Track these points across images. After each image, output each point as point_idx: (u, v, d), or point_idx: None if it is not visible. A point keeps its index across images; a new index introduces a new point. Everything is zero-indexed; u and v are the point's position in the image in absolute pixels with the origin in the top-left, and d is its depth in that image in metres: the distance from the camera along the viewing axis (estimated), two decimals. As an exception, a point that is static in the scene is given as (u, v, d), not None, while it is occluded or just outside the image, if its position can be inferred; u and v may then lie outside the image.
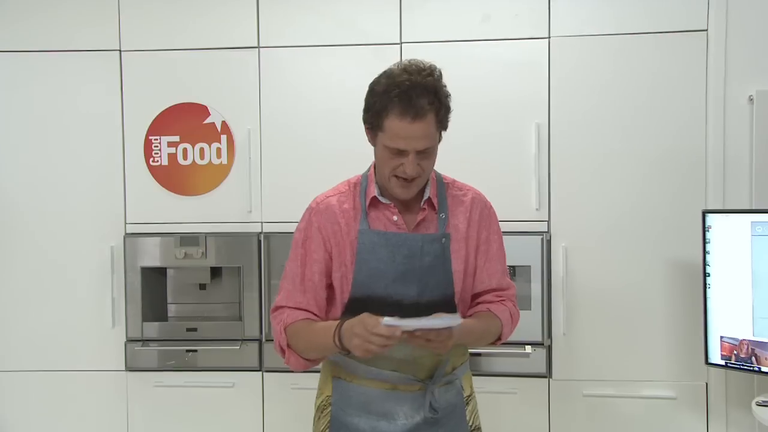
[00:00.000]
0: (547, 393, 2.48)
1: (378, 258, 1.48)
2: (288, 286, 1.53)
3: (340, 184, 1.61)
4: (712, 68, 2.38)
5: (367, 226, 1.50)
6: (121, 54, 2.61)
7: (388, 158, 1.45)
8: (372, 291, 1.48)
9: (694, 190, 2.40)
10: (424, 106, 1.39)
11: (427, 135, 1.42)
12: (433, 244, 1.50)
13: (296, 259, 1.53)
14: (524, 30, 2.48)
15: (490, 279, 1.61)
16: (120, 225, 2.62)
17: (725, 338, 2.19)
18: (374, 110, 1.44)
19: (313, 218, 1.53)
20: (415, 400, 1.52)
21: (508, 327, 1.61)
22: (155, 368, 2.59)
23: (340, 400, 1.54)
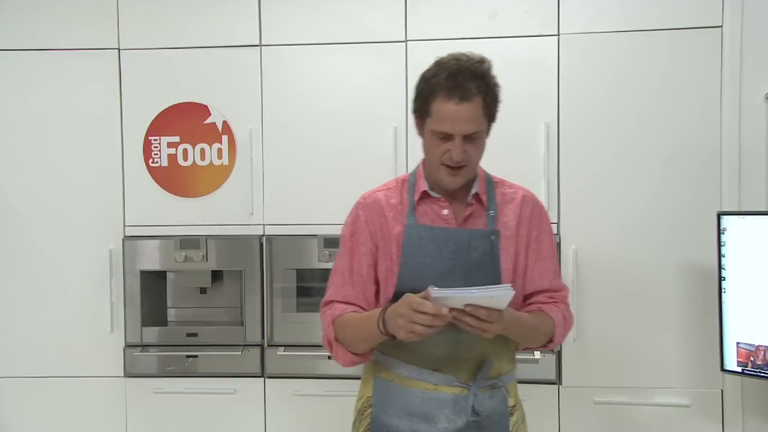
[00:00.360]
0: (557, 400, 2.43)
1: (424, 252, 1.47)
2: (337, 281, 1.55)
3: (388, 181, 1.62)
4: (727, 66, 2.32)
5: (414, 220, 1.50)
6: (119, 53, 2.56)
7: (436, 144, 1.45)
8: (417, 286, 1.42)
9: (708, 191, 2.34)
10: (471, 89, 1.40)
11: (473, 118, 1.41)
12: (481, 240, 1.48)
13: (345, 254, 1.55)
14: (533, 27, 2.43)
15: (542, 279, 1.57)
16: (119, 227, 2.57)
17: (741, 344, 2.12)
18: (423, 96, 1.46)
19: (360, 212, 1.55)
20: (457, 403, 1.47)
21: (560, 329, 1.56)
22: (155, 374, 2.54)
23: (381, 401, 1.52)
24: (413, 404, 1.48)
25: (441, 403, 1.47)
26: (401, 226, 1.50)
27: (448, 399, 1.47)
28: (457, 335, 1.43)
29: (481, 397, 1.48)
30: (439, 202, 1.52)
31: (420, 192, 1.52)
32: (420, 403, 1.48)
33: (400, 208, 1.52)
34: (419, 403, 1.48)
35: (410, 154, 2.46)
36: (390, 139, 2.47)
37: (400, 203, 1.53)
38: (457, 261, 1.47)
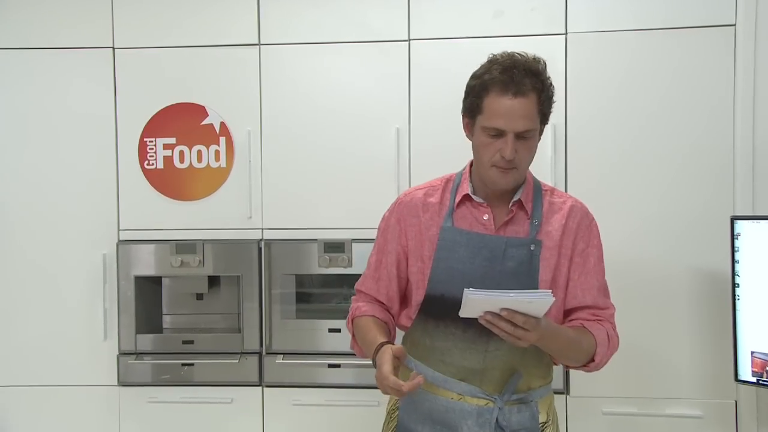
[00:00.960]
0: (564, 410, 2.35)
1: (457, 257, 1.45)
2: (367, 272, 1.61)
3: (433, 180, 1.60)
4: (741, 65, 2.25)
5: (451, 223, 1.48)
6: (114, 52, 2.50)
7: (487, 143, 1.41)
8: (447, 290, 1.43)
9: (721, 194, 2.28)
10: (526, 84, 1.38)
11: (527, 115, 1.38)
12: (519, 249, 1.44)
13: (377, 247, 1.60)
14: (539, 26, 2.36)
15: (584, 295, 1.50)
16: (113, 231, 2.51)
17: (756, 353, 2.06)
18: (474, 92, 1.42)
19: (396, 209, 1.57)
20: (481, 415, 1.44)
21: (603, 348, 1.48)
22: (149, 383, 2.48)
23: (407, 405, 1.52)
24: (437, 412, 1.47)
25: (464, 414, 1.44)
26: (437, 228, 1.48)
27: (472, 410, 1.44)
28: (487, 345, 1.42)
29: (507, 411, 1.44)
30: (480, 207, 1.49)
31: (462, 194, 1.50)
32: (444, 412, 1.46)
33: (438, 208, 1.51)
34: (443, 412, 1.46)
35: (413, 156, 2.41)
36: (392, 141, 2.40)
37: (440, 203, 1.52)
38: (491, 269, 1.43)
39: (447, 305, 1.41)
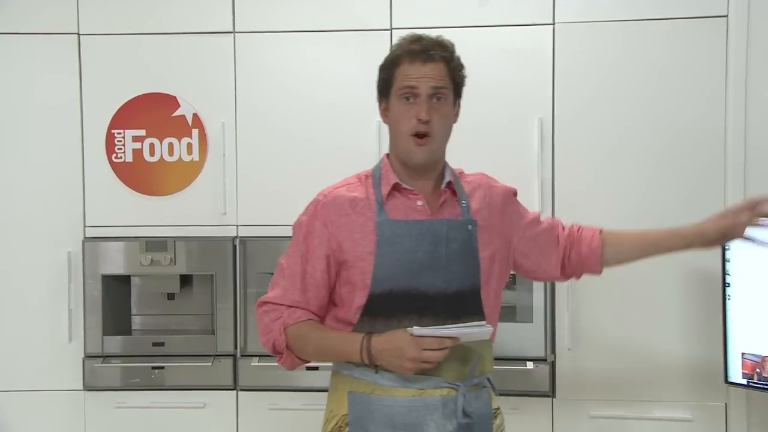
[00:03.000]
0: (550, 414, 2.33)
1: (400, 249, 1.42)
2: (284, 284, 1.48)
3: (348, 178, 1.56)
4: (732, 58, 2.23)
5: (386, 216, 1.44)
6: (79, 38, 2.44)
7: (403, 111, 1.44)
8: (395, 285, 1.42)
9: (712, 189, 2.26)
10: (435, 52, 1.43)
11: (439, 76, 1.43)
12: (459, 230, 1.46)
13: (296, 256, 1.48)
14: (526, 16, 2.35)
15: (543, 229, 1.61)
16: (78, 228, 2.45)
17: (747, 355, 2.03)
18: (385, 70, 1.48)
19: (319, 211, 1.48)
20: (446, 406, 1.41)
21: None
22: (117, 387, 2.42)
23: (361, 418, 1.42)
24: (398, 415, 1.41)
25: (429, 409, 1.40)
26: (372, 223, 1.44)
27: (437, 403, 1.41)
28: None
29: (469, 398, 1.43)
30: (411, 194, 1.47)
31: (391, 184, 1.47)
32: (406, 413, 1.40)
33: (366, 203, 1.46)
34: (405, 413, 1.40)
35: None
36: (374, 133, 2.36)
37: (366, 198, 1.47)
38: (436, 254, 1.43)
39: (397, 299, 1.41)
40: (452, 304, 1.42)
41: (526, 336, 2.32)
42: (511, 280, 2.37)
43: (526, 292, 2.33)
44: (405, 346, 1.33)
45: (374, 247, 1.43)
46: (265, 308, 1.49)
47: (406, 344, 1.33)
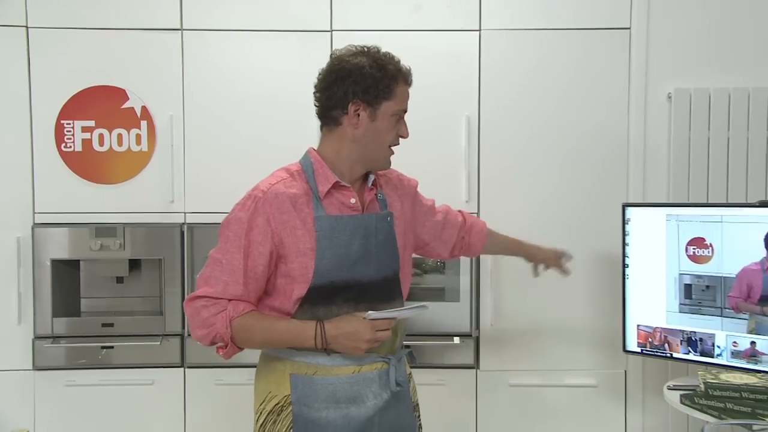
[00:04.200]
0: (474, 384, 2.53)
1: (338, 243, 1.50)
2: (225, 278, 1.46)
3: (278, 171, 1.57)
4: (634, 66, 2.47)
5: (323, 211, 1.50)
6: (28, 30, 2.45)
7: (392, 126, 1.55)
8: (335, 277, 1.49)
9: (616, 183, 2.49)
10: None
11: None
12: (382, 222, 1.57)
13: (237, 251, 1.46)
14: (456, 21, 2.50)
15: (447, 217, 1.82)
16: (28, 214, 2.47)
17: (641, 326, 2.27)
18: (383, 83, 1.51)
19: (261, 208, 1.47)
20: (381, 378, 1.55)
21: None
22: (67, 366, 2.46)
23: (304, 397, 1.51)
24: (342, 390, 1.51)
25: (368, 382, 1.53)
26: (311, 219, 1.48)
27: (374, 376, 1.54)
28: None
29: (398, 368, 1.57)
30: (346, 192, 1.54)
31: (331, 183, 1.51)
32: (348, 387, 1.52)
33: (304, 200, 1.50)
34: (348, 388, 1.52)
35: None
36: (314, 127, 2.41)
37: (305, 194, 1.50)
38: (367, 245, 1.53)
39: (336, 289, 1.49)
40: (381, 289, 1.55)
41: (454, 314, 2.49)
42: (441, 264, 2.57)
43: (454, 275, 2.50)
44: (361, 330, 1.44)
45: (314, 242, 1.48)
46: (203, 302, 1.46)
47: (363, 328, 1.44)
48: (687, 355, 2.18)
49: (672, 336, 2.21)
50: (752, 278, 2.02)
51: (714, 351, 2.13)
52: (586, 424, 2.51)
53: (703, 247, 2.12)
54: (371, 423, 1.52)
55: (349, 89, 1.50)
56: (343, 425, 1.50)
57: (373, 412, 1.52)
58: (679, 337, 2.19)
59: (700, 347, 2.15)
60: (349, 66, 1.51)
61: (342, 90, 1.50)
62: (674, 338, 2.20)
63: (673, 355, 2.21)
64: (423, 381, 2.38)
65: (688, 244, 2.14)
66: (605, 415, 2.52)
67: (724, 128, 2.43)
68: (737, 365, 2.08)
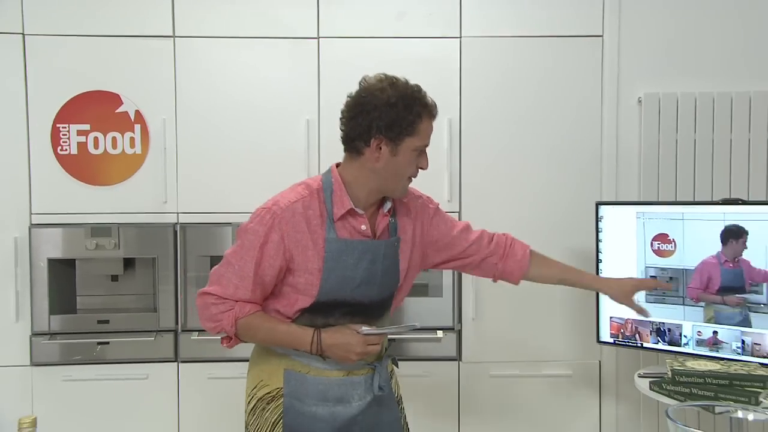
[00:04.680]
0: (457, 375, 2.63)
1: (344, 265, 1.57)
2: (236, 281, 1.56)
3: (298, 187, 1.62)
4: (607, 71, 2.59)
5: (335, 234, 1.57)
6: (24, 38, 2.52)
7: (412, 160, 1.58)
8: (338, 295, 1.58)
9: (590, 183, 2.61)
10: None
11: None
12: (389, 249, 1.64)
13: (250, 260, 1.55)
14: (437, 29, 2.60)
15: (472, 240, 1.80)
16: (25, 215, 2.53)
17: (614, 318, 2.39)
18: (407, 120, 1.53)
19: (277, 224, 1.54)
20: (366, 382, 1.66)
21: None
22: (63, 362, 2.53)
23: (296, 391, 1.62)
24: (331, 391, 1.63)
25: (354, 385, 1.65)
26: (322, 241, 1.56)
27: (360, 380, 1.65)
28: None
29: (382, 374, 1.68)
30: (359, 218, 1.60)
31: (346, 209, 1.58)
32: (337, 389, 1.63)
33: (319, 221, 1.57)
34: (336, 389, 1.63)
35: (322, 146, 2.57)
36: (303, 130, 2.56)
37: (319, 216, 1.57)
38: (372, 269, 1.60)
39: (337, 305, 1.59)
40: (377, 307, 1.65)
41: (437, 309, 2.59)
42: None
43: (437, 273, 2.59)
44: (354, 343, 1.55)
45: (322, 263, 1.55)
46: (213, 300, 1.57)
47: (355, 341, 1.55)
48: (656, 344, 2.31)
49: (642, 327, 2.33)
50: (711, 270, 2.16)
51: (681, 340, 2.26)
52: (563, 412, 2.63)
53: (667, 242, 2.25)
54: (354, 421, 1.64)
55: (373, 123, 1.52)
56: (330, 421, 1.62)
57: (357, 412, 1.64)
58: (648, 327, 2.32)
59: (669, 337, 2.28)
60: (375, 100, 1.52)
61: (366, 123, 1.52)
62: (644, 329, 2.33)
63: (644, 344, 2.33)
64: (409, 373, 2.52)
65: (653, 240, 2.28)
66: (581, 403, 2.63)
67: (691, 130, 2.57)
68: (702, 353, 2.21)
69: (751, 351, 2.13)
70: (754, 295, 2.11)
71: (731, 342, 2.17)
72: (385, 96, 1.52)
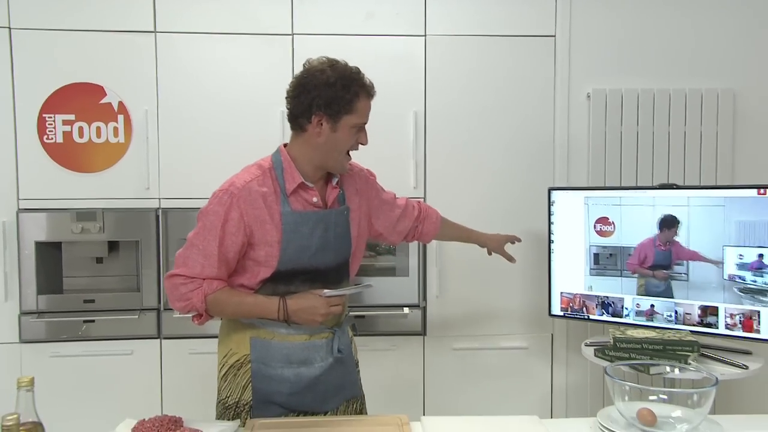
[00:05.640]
0: (422, 348, 2.82)
1: (301, 235, 1.69)
2: (201, 260, 1.66)
3: (251, 167, 1.72)
4: (559, 69, 2.80)
5: (290, 208, 1.69)
6: (11, 31, 2.61)
7: (351, 136, 1.70)
8: (296, 263, 1.70)
9: (543, 170, 2.82)
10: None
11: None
12: (339, 217, 1.76)
13: (213, 239, 1.65)
14: (403, 28, 2.75)
15: (404, 217, 2.01)
16: (12, 201, 2.64)
17: (564, 293, 2.62)
18: (345, 99, 1.65)
19: (236, 203, 1.64)
20: (327, 345, 1.78)
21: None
22: (51, 339, 2.64)
23: (262, 357, 1.73)
24: (294, 353, 1.75)
25: (316, 349, 1.77)
26: (278, 214, 1.66)
27: (321, 344, 1.78)
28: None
29: (342, 337, 1.82)
30: (309, 191, 1.72)
31: (297, 183, 1.69)
32: (300, 352, 1.75)
33: (273, 198, 1.67)
34: (299, 352, 1.75)
35: None
36: (277, 121, 2.70)
37: (273, 192, 1.67)
38: (326, 238, 1.73)
39: (296, 273, 1.70)
40: (334, 272, 1.77)
41: (404, 287, 2.76)
42: (392, 247, 2.81)
43: (404, 256, 2.77)
44: (317, 305, 1.67)
45: (280, 235, 1.66)
46: (182, 280, 1.66)
47: (319, 304, 1.67)
48: (601, 316, 2.54)
49: (589, 301, 2.57)
50: (647, 250, 2.42)
51: (623, 312, 2.50)
52: (519, 380, 2.85)
53: (607, 224, 2.50)
54: (318, 380, 1.76)
55: (313, 101, 1.64)
56: (296, 381, 1.74)
57: (319, 372, 1.76)
58: (594, 301, 2.55)
59: (612, 309, 2.52)
60: (315, 80, 1.64)
61: (307, 101, 1.64)
62: (591, 302, 2.56)
63: (590, 317, 2.57)
64: (377, 347, 2.74)
65: (596, 222, 2.51)
66: (535, 372, 2.86)
67: (634, 123, 2.80)
68: (640, 323, 2.45)
69: (682, 320, 2.38)
70: (677, 267, 2.37)
71: (664, 312, 2.41)
72: (324, 77, 1.63)
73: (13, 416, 1.10)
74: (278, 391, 1.74)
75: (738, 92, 2.82)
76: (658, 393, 1.55)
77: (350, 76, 1.67)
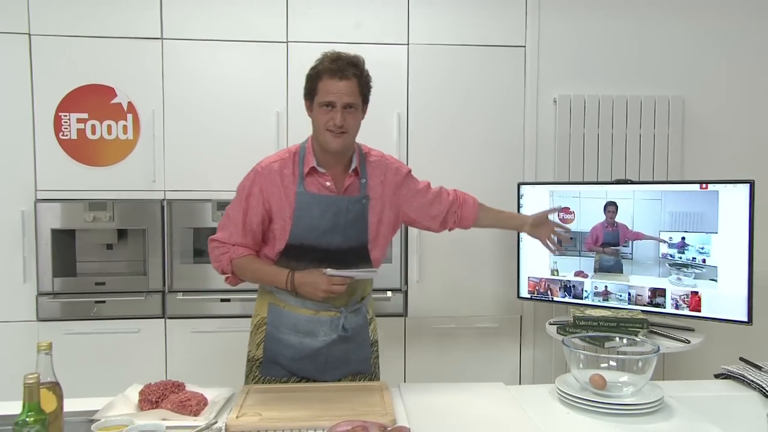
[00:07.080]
0: (404, 328, 3.06)
1: (312, 215, 1.82)
2: (231, 228, 1.86)
3: (282, 151, 1.90)
4: (528, 75, 3.06)
5: (304, 189, 1.83)
6: (30, 37, 2.82)
7: (322, 115, 1.78)
8: (305, 240, 1.83)
9: (514, 167, 3.07)
10: (348, 70, 1.77)
11: (351, 92, 1.77)
12: (355, 204, 1.86)
13: (239, 209, 1.85)
14: (389, 37, 2.99)
15: (438, 204, 2.01)
16: (31, 192, 2.85)
17: (531, 278, 2.89)
18: (311, 79, 1.80)
19: (258, 180, 1.83)
20: (332, 322, 1.90)
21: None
22: (65, 318, 2.84)
23: (274, 321, 1.91)
24: (300, 324, 1.89)
25: (320, 323, 1.90)
26: (294, 193, 1.81)
27: (326, 320, 1.90)
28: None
29: (349, 317, 1.92)
30: (323, 176, 1.84)
31: (309, 167, 1.83)
32: (305, 323, 1.89)
33: (292, 178, 1.83)
34: (304, 323, 1.89)
35: (290, 136, 2.93)
36: (273, 121, 2.93)
37: (293, 174, 1.83)
38: (336, 221, 1.83)
39: (306, 250, 1.83)
40: (345, 255, 1.84)
41: (387, 273, 2.99)
42: None
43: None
44: (320, 282, 1.76)
45: (293, 212, 1.79)
46: (215, 244, 1.87)
47: (321, 280, 1.76)
48: (564, 298, 2.83)
49: (553, 284, 2.85)
50: (598, 232, 2.73)
51: (583, 294, 2.79)
52: (490, 358, 3.10)
53: (569, 213, 2.79)
54: (320, 352, 1.90)
55: (305, 88, 1.84)
56: (299, 348, 1.89)
57: (322, 345, 1.89)
58: (558, 284, 2.84)
59: (574, 292, 2.81)
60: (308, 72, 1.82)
61: (305, 89, 1.84)
62: (555, 285, 2.85)
63: (554, 299, 2.85)
64: (362, 325, 2.96)
65: (560, 212, 2.80)
66: (505, 350, 3.12)
67: (595, 125, 3.08)
68: (598, 304, 2.74)
69: (634, 301, 2.67)
70: (624, 248, 2.67)
71: (618, 293, 2.71)
72: (310, 69, 1.83)
73: (34, 375, 1.22)
74: (283, 354, 1.90)
75: (687, 99, 3.12)
76: (608, 360, 1.71)
77: (319, 63, 1.79)
